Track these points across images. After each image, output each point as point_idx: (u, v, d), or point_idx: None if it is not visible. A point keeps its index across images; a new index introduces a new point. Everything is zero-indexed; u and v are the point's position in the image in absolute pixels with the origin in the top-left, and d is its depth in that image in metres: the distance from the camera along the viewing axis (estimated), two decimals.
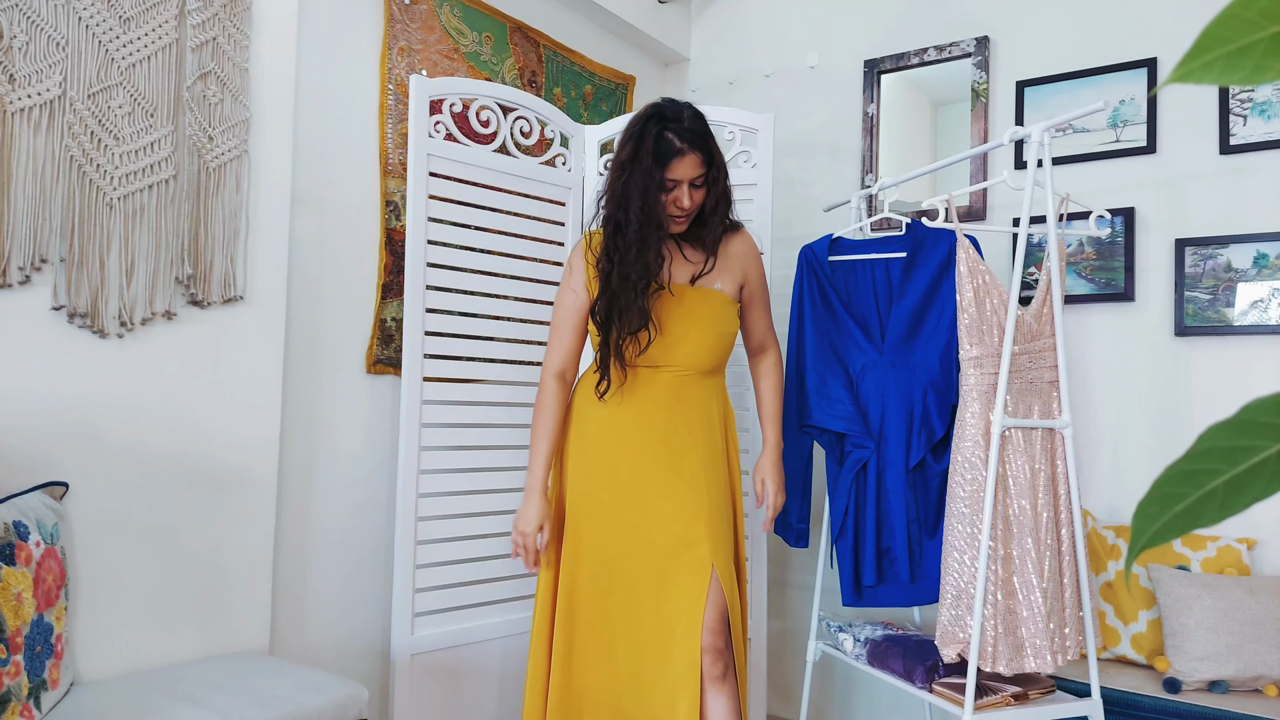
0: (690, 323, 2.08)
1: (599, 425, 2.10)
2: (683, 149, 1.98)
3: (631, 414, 2.07)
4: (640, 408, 2.07)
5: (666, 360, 2.06)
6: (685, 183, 2.01)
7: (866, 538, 2.32)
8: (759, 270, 2.22)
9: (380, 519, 2.48)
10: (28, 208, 1.73)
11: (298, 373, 2.30)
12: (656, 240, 2.02)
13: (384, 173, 2.51)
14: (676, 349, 2.06)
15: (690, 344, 2.07)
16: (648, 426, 2.07)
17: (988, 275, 2.03)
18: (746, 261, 2.19)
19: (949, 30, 2.97)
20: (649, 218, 2.00)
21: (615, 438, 2.08)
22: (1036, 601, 1.89)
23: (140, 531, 1.90)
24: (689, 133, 1.99)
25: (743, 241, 2.18)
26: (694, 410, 2.10)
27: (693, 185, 2.03)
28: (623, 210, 2.01)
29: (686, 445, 2.07)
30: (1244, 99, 2.45)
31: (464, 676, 2.42)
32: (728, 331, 2.13)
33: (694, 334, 2.07)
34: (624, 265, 2.02)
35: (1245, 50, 0.42)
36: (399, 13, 2.55)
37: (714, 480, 2.08)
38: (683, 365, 2.07)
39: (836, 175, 3.19)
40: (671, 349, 2.06)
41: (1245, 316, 2.41)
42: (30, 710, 1.50)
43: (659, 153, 1.97)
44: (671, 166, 1.98)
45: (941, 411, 2.29)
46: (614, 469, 2.07)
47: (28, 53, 1.74)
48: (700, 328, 2.08)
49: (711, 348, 2.10)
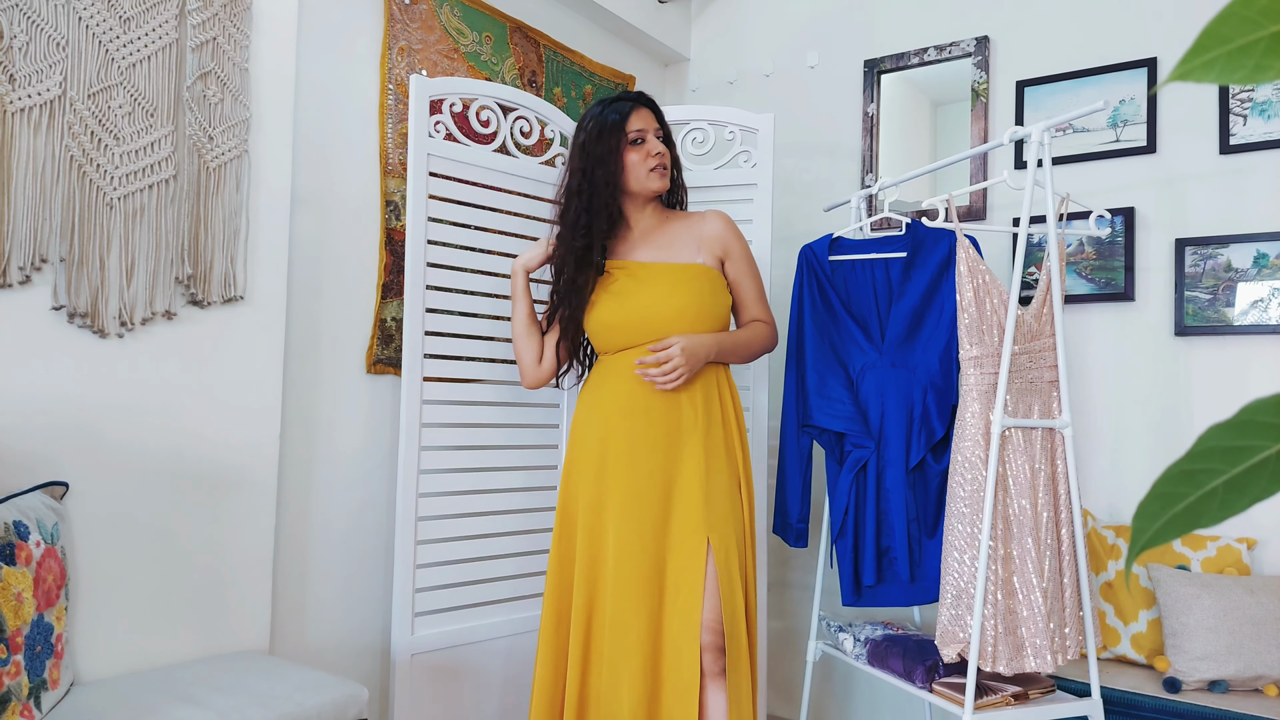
0: (670, 299, 2.04)
1: (589, 418, 2.10)
2: (634, 104, 2.10)
3: (622, 404, 2.04)
4: (633, 397, 2.04)
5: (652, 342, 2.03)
6: (651, 132, 2.10)
7: (866, 537, 2.32)
8: (741, 246, 2.17)
9: (380, 519, 2.48)
10: (28, 208, 1.73)
11: (298, 373, 2.30)
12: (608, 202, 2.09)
13: (384, 173, 2.51)
14: (660, 328, 2.03)
15: (674, 322, 2.02)
16: (640, 415, 2.03)
17: (988, 275, 2.03)
18: (725, 237, 2.14)
19: (949, 30, 2.97)
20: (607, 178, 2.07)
21: (606, 430, 2.05)
22: (1036, 601, 1.89)
23: (140, 531, 1.90)
24: (634, 94, 2.13)
25: (718, 218, 2.16)
26: (692, 394, 2.05)
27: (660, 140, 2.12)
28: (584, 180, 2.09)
29: (686, 432, 2.03)
30: (1244, 99, 2.45)
31: (464, 676, 2.42)
32: (716, 303, 2.07)
33: (675, 310, 2.03)
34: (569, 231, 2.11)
35: (1245, 49, 0.42)
36: (399, 13, 2.55)
37: (715, 468, 2.03)
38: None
39: (836, 175, 3.19)
40: (655, 328, 2.03)
41: (1245, 316, 2.41)
42: (30, 710, 1.50)
43: (617, 111, 2.09)
44: (631, 119, 2.08)
45: (941, 411, 2.29)
46: (606, 463, 2.04)
47: (28, 53, 1.74)
48: (681, 302, 2.04)
49: (695, 321, 2.04)
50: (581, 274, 2.09)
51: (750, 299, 2.19)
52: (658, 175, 2.09)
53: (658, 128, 2.12)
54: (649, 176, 2.09)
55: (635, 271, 2.10)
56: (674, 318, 2.03)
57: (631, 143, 2.08)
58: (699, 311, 2.04)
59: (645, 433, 2.02)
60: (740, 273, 2.16)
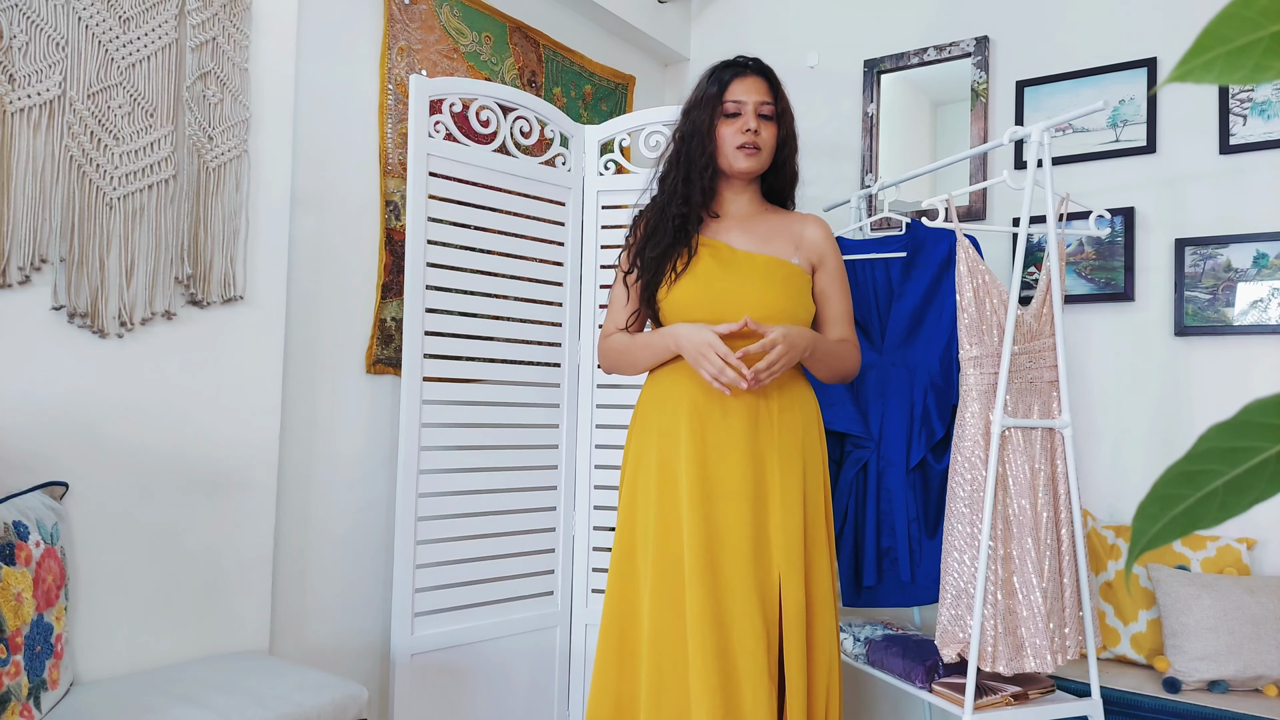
0: (759, 292, 1.83)
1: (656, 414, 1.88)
2: (743, 70, 1.90)
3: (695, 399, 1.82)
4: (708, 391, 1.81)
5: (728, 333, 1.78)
6: (750, 105, 1.88)
7: (866, 538, 2.32)
8: (837, 259, 1.98)
9: (380, 519, 2.48)
10: (28, 208, 1.73)
11: (298, 373, 2.30)
12: (705, 175, 1.89)
13: (384, 173, 2.51)
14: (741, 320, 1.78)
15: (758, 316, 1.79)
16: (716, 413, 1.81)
17: (987, 275, 2.03)
18: (825, 247, 1.96)
19: (949, 30, 2.97)
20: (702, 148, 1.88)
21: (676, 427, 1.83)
22: (1036, 601, 1.89)
23: (140, 531, 1.90)
24: (751, 60, 1.93)
25: (822, 226, 1.98)
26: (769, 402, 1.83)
27: (761, 116, 1.89)
28: (677, 151, 1.93)
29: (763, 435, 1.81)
30: (1244, 99, 2.45)
31: (464, 676, 2.42)
32: (804, 308, 1.88)
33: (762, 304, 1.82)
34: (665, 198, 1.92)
35: (1245, 49, 0.42)
36: (399, 13, 2.55)
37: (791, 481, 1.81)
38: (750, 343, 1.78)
39: (836, 175, 3.19)
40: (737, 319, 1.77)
41: (1245, 316, 2.41)
42: (30, 710, 1.50)
43: (719, 79, 1.90)
44: (731, 87, 1.88)
45: (941, 411, 2.29)
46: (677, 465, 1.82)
47: (28, 53, 1.74)
48: (770, 297, 1.83)
49: (780, 321, 1.80)
50: (673, 246, 1.89)
51: (837, 316, 1.97)
52: (744, 155, 1.88)
53: (763, 100, 1.89)
54: (735, 154, 1.89)
55: (725, 256, 1.89)
56: (760, 312, 1.81)
57: (727, 115, 1.89)
58: (786, 310, 1.84)
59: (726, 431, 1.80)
60: (831, 286, 1.96)
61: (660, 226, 1.92)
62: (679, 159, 1.93)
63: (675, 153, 1.95)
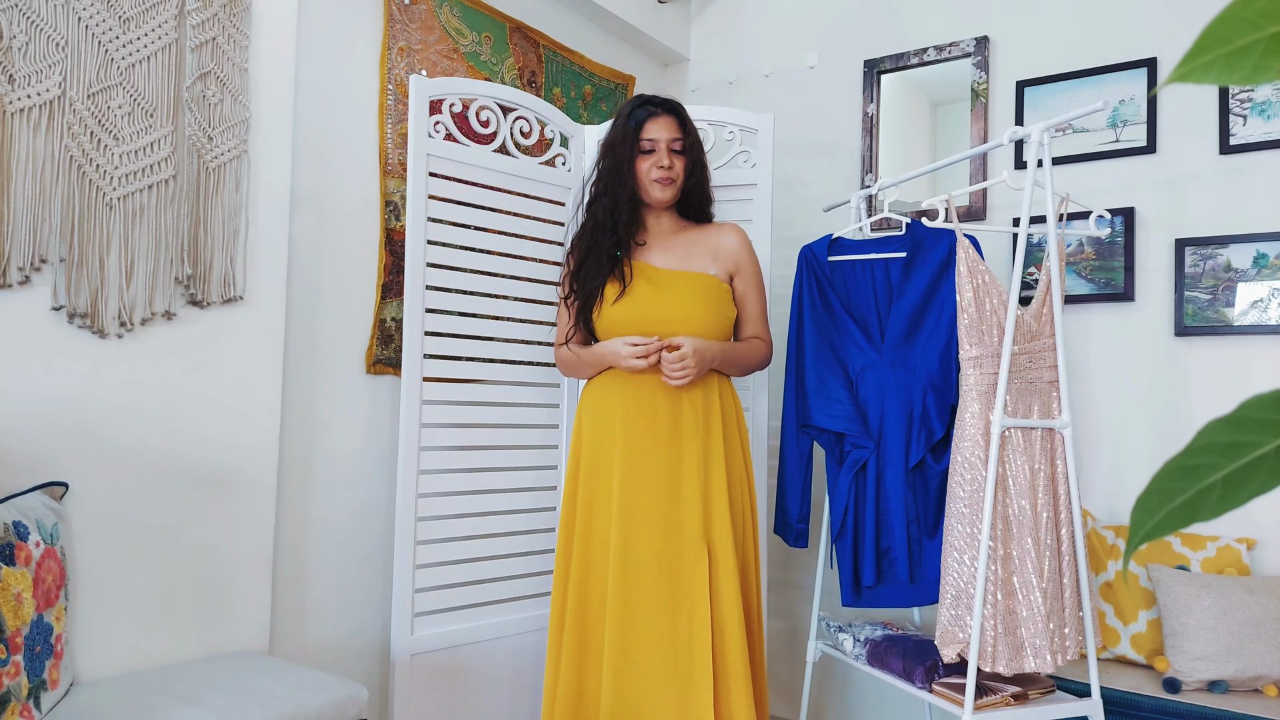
0: (682, 307, 2.12)
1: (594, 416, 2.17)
2: (655, 111, 2.16)
3: (628, 404, 2.11)
4: (638, 398, 2.11)
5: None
6: (663, 143, 2.15)
7: (866, 538, 2.32)
8: (752, 264, 2.27)
9: (380, 519, 2.48)
10: (27, 208, 1.73)
11: (297, 373, 2.30)
12: (630, 207, 2.16)
13: (384, 173, 2.51)
14: (669, 333, 2.10)
15: (682, 328, 2.10)
16: (646, 415, 2.10)
17: (987, 275, 2.04)
18: (740, 254, 2.24)
19: (949, 30, 2.97)
20: (623, 183, 2.15)
21: (612, 428, 2.12)
22: (1036, 601, 1.89)
23: (140, 531, 1.90)
24: (662, 101, 2.19)
25: (736, 234, 2.25)
26: (693, 398, 2.12)
27: (673, 151, 2.16)
28: (603, 183, 2.18)
29: (686, 435, 2.09)
30: (1244, 99, 2.46)
31: (464, 676, 2.42)
32: (723, 315, 2.17)
33: (686, 317, 2.11)
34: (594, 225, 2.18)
35: (1245, 50, 0.42)
36: (399, 13, 2.55)
37: (714, 470, 2.09)
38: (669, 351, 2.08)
39: (836, 175, 3.19)
40: (664, 333, 2.10)
41: (1245, 316, 2.41)
42: (30, 710, 1.50)
43: (635, 119, 2.16)
44: (646, 127, 2.15)
45: (941, 411, 2.29)
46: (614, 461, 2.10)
47: (27, 53, 1.74)
48: (692, 310, 2.12)
49: (702, 329, 2.11)
50: (601, 271, 2.16)
51: (753, 316, 2.28)
52: (660, 186, 2.16)
53: (674, 137, 2.16)
54: (652, 186, 2.17)
55: (651, 275, 2.17)
56: (684, 324, 2.11)
57: (643, 151, 2.15)
58: (707, 322, 2.13)
59: (650, 432, 2.09)
60: (747, 289, 2.25)
61: (593, 254, 2.18)
62: (605, 190, 2.19)
63: (599, 184, 2.21)
